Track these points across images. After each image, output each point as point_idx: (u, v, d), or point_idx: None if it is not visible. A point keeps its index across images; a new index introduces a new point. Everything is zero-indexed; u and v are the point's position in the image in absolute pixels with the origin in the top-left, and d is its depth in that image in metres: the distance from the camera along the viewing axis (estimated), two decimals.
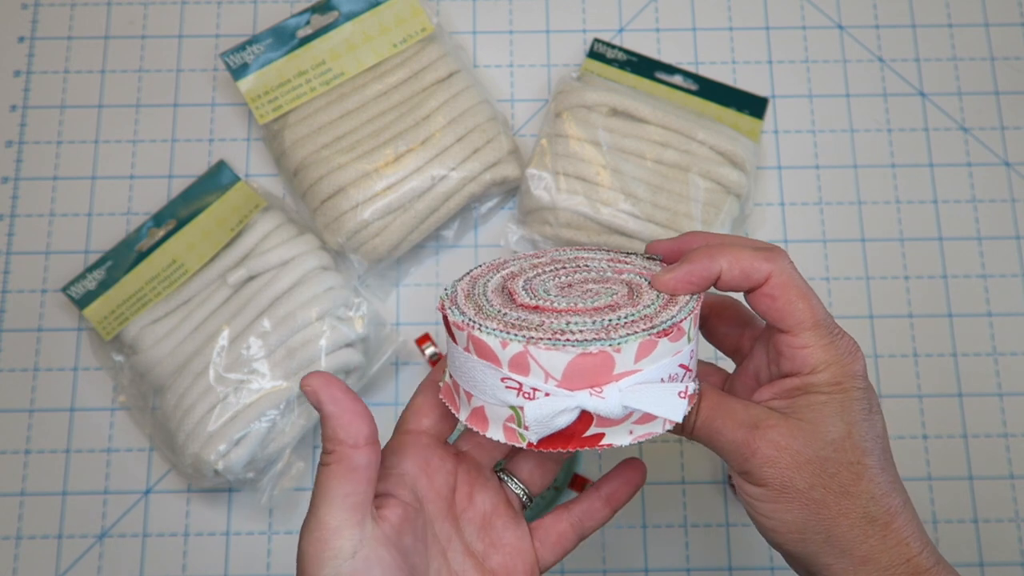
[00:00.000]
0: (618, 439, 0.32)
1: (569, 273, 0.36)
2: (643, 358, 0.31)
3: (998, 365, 0.59)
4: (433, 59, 0.60)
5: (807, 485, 0.33)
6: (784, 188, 0.62)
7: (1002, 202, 0.62)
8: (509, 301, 0.34)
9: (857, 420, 0.34)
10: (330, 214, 0.57)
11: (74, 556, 0.56)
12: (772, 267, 0.35)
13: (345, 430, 0.32)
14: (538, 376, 0.31)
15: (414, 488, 0.35)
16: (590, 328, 0.32)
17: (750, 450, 0.33)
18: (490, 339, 0.31)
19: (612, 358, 0.31)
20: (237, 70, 0.60)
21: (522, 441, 0.32)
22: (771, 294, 0.35)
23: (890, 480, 0.34)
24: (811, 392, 0.34)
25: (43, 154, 0.63)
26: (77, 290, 0.57)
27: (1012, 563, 0.56)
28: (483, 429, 0.33)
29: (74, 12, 0.65)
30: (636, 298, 0.34)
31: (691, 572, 0.56)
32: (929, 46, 0.65)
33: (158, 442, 0.56)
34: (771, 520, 0.34)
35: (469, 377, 0.33)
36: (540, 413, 0.31)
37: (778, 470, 0.33)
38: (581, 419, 0.32)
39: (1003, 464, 0.58)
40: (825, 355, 0.34)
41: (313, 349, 0.54)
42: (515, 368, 0.31)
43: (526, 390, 0.31)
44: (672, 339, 0.32)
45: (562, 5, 0.66)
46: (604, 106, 0.58)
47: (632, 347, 0.31)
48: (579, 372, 0.31)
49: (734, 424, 0.34)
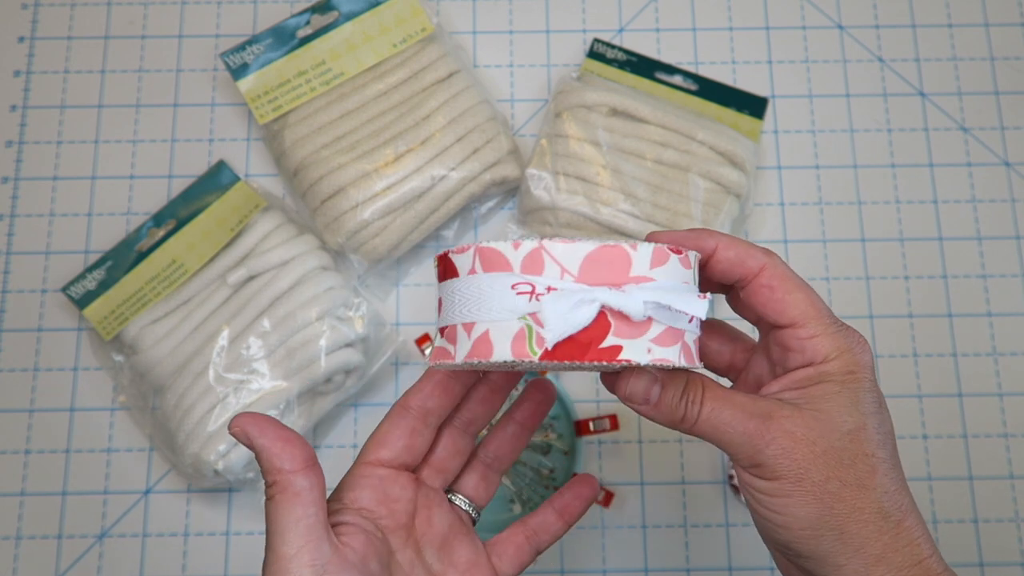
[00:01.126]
0: (636, 354, 0.30)
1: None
2: (657, 266, 0.31)
3: (998, 365, 0.59)
4: (433, 59, 0.60)
5: (823, 477, 0.32)
6: (784, 188, 0.62)
7: (1002, 202, 0.62)
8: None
9: (870, 412, 0.33)
10: (330, 214, 0.57)
11: (74, 556, 0.56)
12: (767, 259, 0.34)
13: (279, 458, 0.32)
14: (553, 272, 0.30)
15: (374, 520, 0.35)
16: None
17: (764, 441, 0.32)
18: (501, 245, 0.31)
19: (628, 255, 0.30)
20: (237, 70, 0.60)
21: (534, 355, 0.30)
22: (769, 284, 0.34)
23: (901, 478, 0.34)
24: (824, 381, 0.33)
25: (43, 154, 0.63)
26: (77, 290, 0.57)
27: (1012, 563, 0.56)
28: (487, 356, 0.31)
29: (74, 12, 0.65)
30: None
31: (691, 572, 0.56)
32: (929, 46, 0.65)
33: (158, 442, 0.56)
34: (783, 516, 0.33)
35: (473, 301, 0.31)
36: (558, 306, 0.30)
37: (793, 461, 0.32)
38: (599, 323, 0.30)
39: (1003, 464, 0.58)
40: (835, 343, 0.34)
41: (313, 349, 0.54)
42: (528, 268, 0.30)
43: (540, 291, 0.30)
44: (682, 263, 0.31)
45: (562, 5, 0.66)
46: (604, 106, 0.58)
47: (647, 250, 0.31)
48: (597, 266, 0.30)
49: (744, 415, 0.33)
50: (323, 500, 0.33)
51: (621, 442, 0.58)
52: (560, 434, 0.57)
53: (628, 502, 0.57)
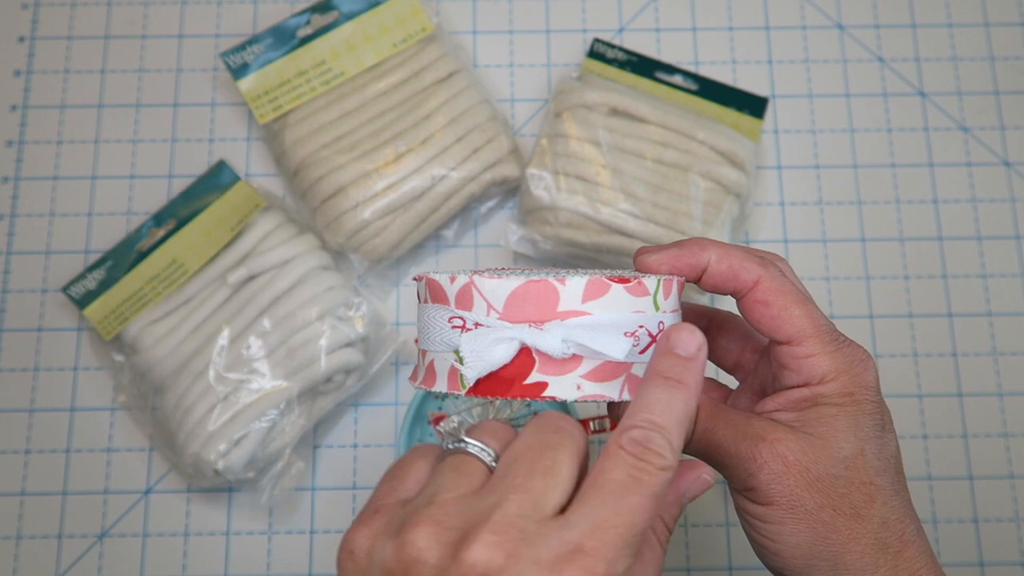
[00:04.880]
0: (563, 392, 0.30)
1: None
2: (592, 299, 0.29)
3: (998, 365, 0.59)
4: (433, 59, 0.60)
5: (816, 505, 0.31)
6: (784, 188, 0.62)
7: (1002, 202, 0.62)
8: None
9: (870, 437, 0.32)
10: (330, 214, 0.57)
11: (74, 556, 0.56)
12: (763, 272, 0.32)
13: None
14: (481, 309, 0.30)
15: None
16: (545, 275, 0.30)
17: (756, 465, 0.31)
18: (441, 277, 0.31)
19: (556, 290, 0.29)
20: (237, 70, 0.60)
21: (462, 388, 0.30)
22: (763, 300, 0.32)
23: (903, 505, 0.32)
24: (820, 404, 0.32)
25: (43, 154, 0.63)
26: (77, 290, 0.57)
27: (1012, 563, 0.56)
28: (431, 385, 0.32)
29: (74, 12, 0.65)
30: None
31: (691, 572, 0.56)
32: (929, 46, 0.65)
33: (158, 442, 0.56)
34: (775, 543, 0.32)
35: (425, 329, 0.32)
36: (476, 344, 0.30)
37: (785, 487, 0.31)
38: (522, 361, 0.30)
39: (1003, 464, 0.58)
40: (833, 363, 0.32)
41: (313, 349, 0.54)
42: (461, 303, 0.30)
43: (469, 326, 0.30)
44: (631, 291, 0.30)
45: (562, 5, 0.66)
46: (604, 106, 0.58)
47: (579, 283, 0.29)
48: (521, 303, 0.29)
49: (736, 436, 0.32)
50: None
51: None
52: None
53: None
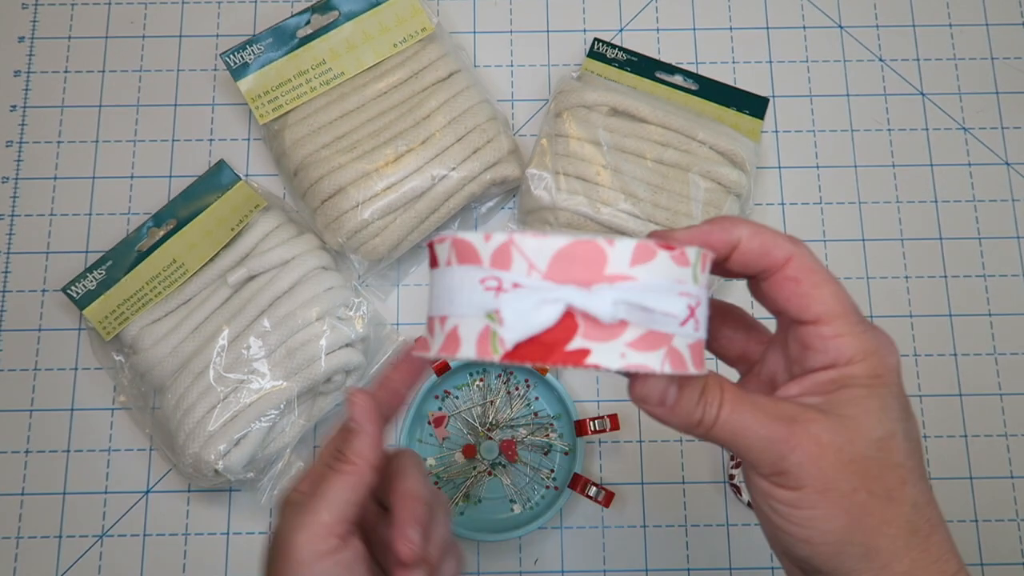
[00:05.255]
0: (607, 359, 0.28)
1: None
2: (639, 263, 0.28)
3: (998, 365, 0.59)
4: (433, 59, 0.60)
5: (850, 488, 0.30)
6: (784, 188, 0.62)
7: (1002, 202, 0.62)
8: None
9: (899, 418, 0.31)
10: (330, 214, 0.57)
11: (74, 556, 0.56)
12: (795, 249, 0.31)
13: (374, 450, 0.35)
14: (521, 268, 0.28)
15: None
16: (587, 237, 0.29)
17: (788, 447, 0.30)
18: (473, 236, 0.29)
19: (604, 252, 0.27)
20: (237, 70, 0.60)
21: (495, 354, 0.28)
22: (795, 276, 0.31)
23: (929, 489, 0.32)
24: (850, 385, 0.31)
25: (43, 154, 0.63)
26: (77, 290, 0.57)
27: (1012, 563, 0.56)
28: (454, 351, 0.29)
29: (74, 12, 0.65)
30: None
31: (691, 572, 0.56)
32: (929, 46, 0.65)
33: (158, 442, 0.56)
34: (805, 529, 0.31)
35: (447, 293, 0.30)
36: (519, 305, 0.28)
37: (820, 469, 0.30)
38: (565, 324, 0.28)
39: (1003, 464, 0.58)
40: (862, 344, 0.31)
41: (313, 349, 0.54)
42: (497, 263, 0.28)
43: (506, 287, 0.28)
44: (675, 259, 0.28)
45: (562, 5, 0.66)
46: (604, 106, 0.58)
47: (627, 247, 0.28)
48: (568, 263, 0.28)
49: (765, 418, 0.30)
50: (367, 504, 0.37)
51: (621, 442, 0.58)
52: (560, 434, 0.57)
53: (628, 502, 0.57)
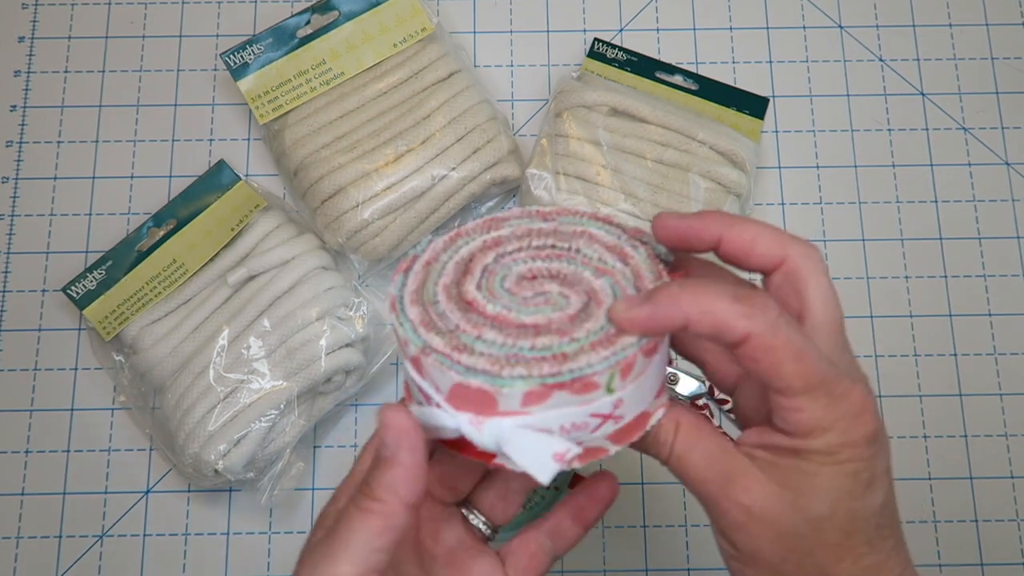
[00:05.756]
0: (509, 463, 0.30)
1: (548, 258, 0.34)
2: (533, 404, 0.29)
3: (998, 365, 0.59)
4: (433, 59, 0.60)
5: (779, 559, 0.30)
6: (784, 188, 0.62)
7: (1002, 202, 0.62)
8: (455, 284, 0.33)
9: (847, 498, 0.30)
10: (330, 214, 0.57)
11: (74, 556, 0.56)
12: (751, 327, 0.29)
13: (409, 488, 0.30)
14: (430, 385, 0.30)
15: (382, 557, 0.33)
16: (493, 353, 0.30)
17: (719, 509, 0.30)
18: (401, 331, 0.31)
19: (493, 398, 0.29)
20: (237, 70, 0.60)
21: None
22: (752, 356, 0.30)
23: (881, 560, 0.31)
24: (802, 458, 0.30)
25: (43, 154, 0.63)
26: (77, 290, 0.57)
27: (1012, 563, 0.56)
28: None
29: (74, 12, 0.65)
30: (579, 321, 0.31)
31: (691, 572, 0.56)
32: (929, 46, 0.65)
33: (158, 442, 0.56)
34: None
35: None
36: (425, 421, 0.30)
37: (747, 537, 0.30)
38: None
39: (1003, 464, 0.58)
40: (822, 419, 0.30)
41: (313, 349, 0.54)
42: (415, 368, 0.31)
43: (426, 392, 0.31)
44: (575, 391, 0.29)
45: (562, 5, 0.66)
46: (604, 106, 0.58)
47: (516, 392, 0.29)
48: (463, 397, 0.30)
49: (707, 472, 0.31)
50: (400, 544, 0.31)
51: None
52: None
53: (628, 502, 0.57)
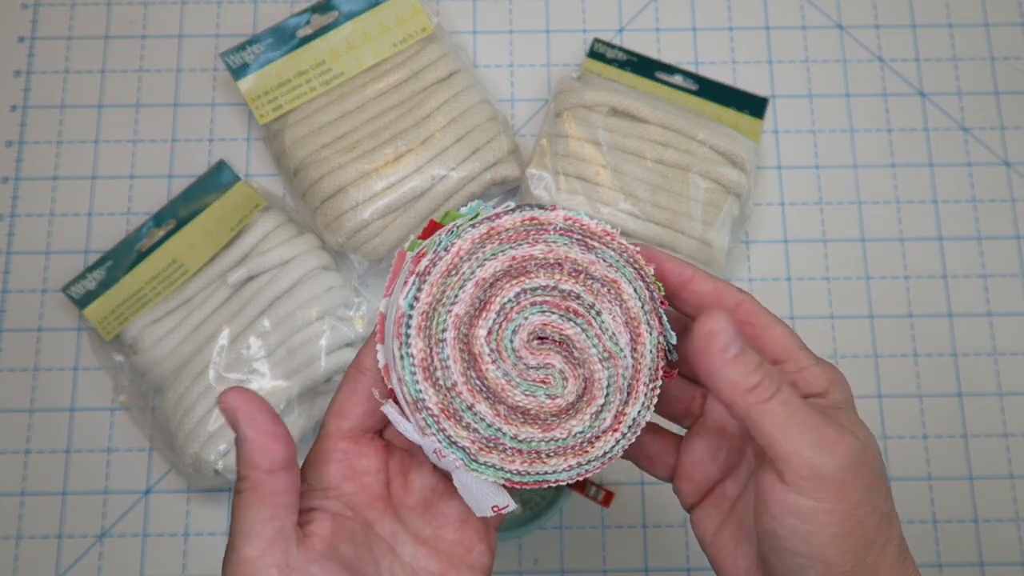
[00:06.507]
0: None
1: (566, 313, 0.33)
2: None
3: (998, 365, 0.59)
4: (433, 59, 0.60)
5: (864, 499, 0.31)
6: (784, 188, 0.62)
7: (1002, 202, 0.62)
8: (468, 320, 0.32)
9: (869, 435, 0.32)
10: (330, 214, 0.57)
11: (74, 556, 0.56)
12: (743, 296, 0.33)
13: (262, 454, 0.30)
14: (410, 415, 0.32)
15: (341, 497, 0.33)
16: (479, 432, 0.32)
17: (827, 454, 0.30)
18: (399, 367, 0.32)
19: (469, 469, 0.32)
20: (237, 70, 0.60)
21: None
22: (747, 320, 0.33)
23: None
24: (838, 408, 0.32)
25: (43, 154, 0.63)
26: (77, 290, 0.57)
27: (1012, 563, 0.56)
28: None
29: (74, 12, 0.65)
30: (566, 417, 0.32)
31: (691, 572, 0.56)
32: (929, 46, 0.65)
33: (158, 442, 0.56)
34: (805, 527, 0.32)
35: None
36: (402, 428, 0.32)
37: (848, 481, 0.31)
38: None
39: (1003, 464, 0.58)
40: (825, 374, 0.32)
41: (313, 349, 0.54)
42: (387, 377, 0.32)
43: (402, 406, 0.32)
44: (531, 486, 0.32)
45: (562, 5, 0.66)
46: (604, 106, 0.58)
47: (480, 479, 0.32)
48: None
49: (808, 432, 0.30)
50: (295, 502, 0.31)
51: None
52: None
53: (628, 502, 0.57)
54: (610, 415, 0.33)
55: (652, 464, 0.38)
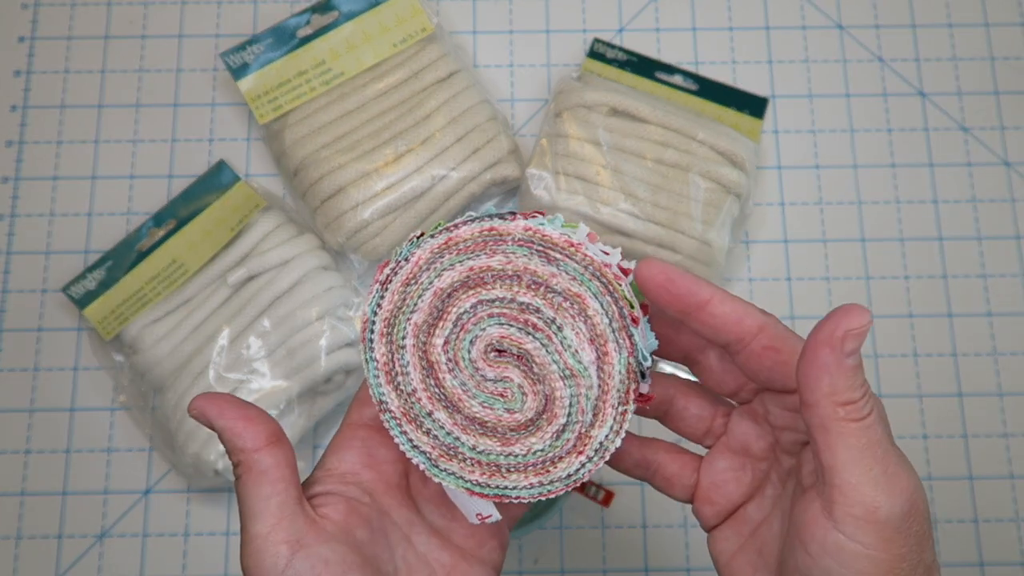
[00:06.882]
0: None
1: (525, 326, 0.31)
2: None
3: (998, 365, 0.59)
4: (433, 59, 0.60)
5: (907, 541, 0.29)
6: (784, 188, 0.62)
7: (1002, 202, 0.62)
8: (426, 328, 0.32)
9: None
10: (330, 214, 0.57)
11: (74, 556, 0.56)
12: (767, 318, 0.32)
13: (241, 437, 0.32)
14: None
15: (359, 483, 0.34)
16: (438, 439, 0.32)
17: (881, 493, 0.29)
18: (365, 370, 0.33)
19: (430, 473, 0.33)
20: (237, 70, 0.60)
21: None
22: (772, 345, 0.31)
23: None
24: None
25: (43, 154, 0.63)
26: (77, 290, 0.57)
27: (1012, 563, 0.56)
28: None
29: (74, 12, 0.65)
30: (525, 435, 0.32)
31: (691, 572, 0.56)
32: (929, 46, 0.65)
33: (158, 442, 0.56)
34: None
35: None
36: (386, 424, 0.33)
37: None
38: None
39: (1003, 464, 0.58)
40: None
41: (313, 349, 0.54)
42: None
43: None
44: (493, 499, 0.33)
45: (562, 5, 0.66)
46: (604, 106, 0.58)
47: (450, 488, 0.33)
48: None
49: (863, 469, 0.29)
50: (293, 475, 0.32)
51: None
52: None
53: (628, 502, 0.57)
54: (573, 436, 0.32)
55: (670, 486, 0.36)
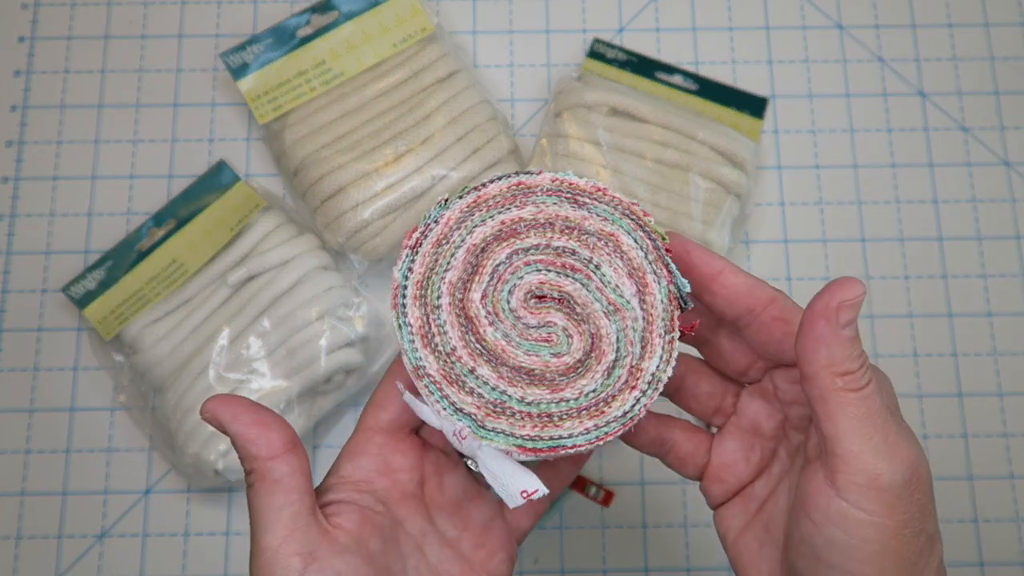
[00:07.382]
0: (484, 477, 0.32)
1: (563, 269, 0.32)
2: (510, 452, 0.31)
3: (998, 365, 0.59)
4: (433, 59, 0.60)
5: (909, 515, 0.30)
6: (784, 188, 0.62)
7: (1002, 202, 0.62)
8: (462, 285, 0.32)
9: None
10: (330, 214, 0.57)
11: (74, 556, 0.56)
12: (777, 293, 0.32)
13: (255, 444, 0.31)
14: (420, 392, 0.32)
15: (374, 492, 0.33)
16: (483, 396, 0.31)
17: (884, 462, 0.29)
18: (399, 337, 0.31)
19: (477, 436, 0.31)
20: (237, 70, 0.60)
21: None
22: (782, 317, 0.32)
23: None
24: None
25: (43, 154, 0.63)
26: (77, 290, 0.57)
27: (1012, 563, 0.56)
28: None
29: (74, 12, 0.65)
30: (575, 376, 0.31)
31: (691, 572, 0.56)
32: (929, 46, 0.65)
33: (158, 442, 0.56)
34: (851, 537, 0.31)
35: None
36: (422, 414, 0.32)
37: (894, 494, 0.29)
38: None
39: (1003, 464, 0.58)
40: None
41: (313, 349, 0.54)
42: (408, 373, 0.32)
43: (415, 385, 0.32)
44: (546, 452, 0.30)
45: (562, 5, 0.66)
46: (604, 106, 0.58)
47: (489, 450, 0.30)
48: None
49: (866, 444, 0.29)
50: (308, 484, 0.31)
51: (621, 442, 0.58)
52: None
53: (628, 502, 0.57)
54: (625, 371, 0.31)
55: (683, 464, 0.37)
